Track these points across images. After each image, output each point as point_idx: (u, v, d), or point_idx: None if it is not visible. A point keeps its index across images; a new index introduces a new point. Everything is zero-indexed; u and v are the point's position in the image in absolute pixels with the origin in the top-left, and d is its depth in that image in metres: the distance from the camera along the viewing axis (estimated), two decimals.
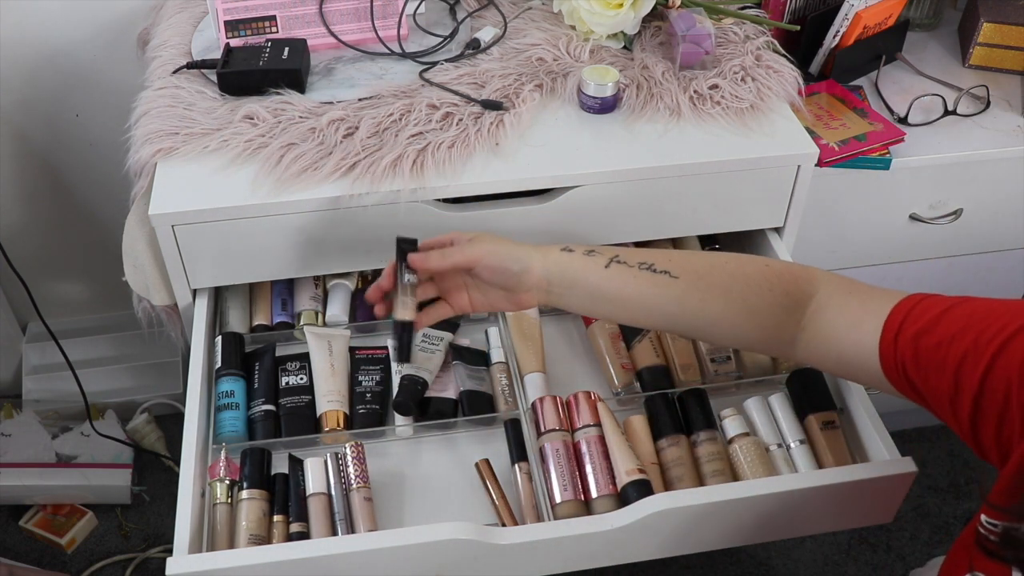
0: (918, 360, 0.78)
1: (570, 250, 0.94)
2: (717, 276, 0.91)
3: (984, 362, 0.72)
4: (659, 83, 1.25)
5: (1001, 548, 0.66)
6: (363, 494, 1.00)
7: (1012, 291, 1.65)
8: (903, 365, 0.80)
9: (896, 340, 0.80)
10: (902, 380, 0.81)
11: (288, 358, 1.16)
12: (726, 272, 0.92)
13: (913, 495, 1.84)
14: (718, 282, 0.91)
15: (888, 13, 1.44)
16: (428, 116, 1.18)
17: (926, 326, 0.79)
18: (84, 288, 1.94)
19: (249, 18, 1.27)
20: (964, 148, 1.38)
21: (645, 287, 0.92)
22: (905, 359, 0.80)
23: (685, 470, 1.03)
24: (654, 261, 0.92)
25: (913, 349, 0.79)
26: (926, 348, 0.78)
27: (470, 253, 0.95)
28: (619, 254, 0.93)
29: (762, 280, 0.91)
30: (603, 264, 0.93)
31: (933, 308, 0.80)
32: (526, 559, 0.94)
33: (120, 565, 1.74)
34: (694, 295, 0.91)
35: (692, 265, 0.92)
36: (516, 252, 0.94)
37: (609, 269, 0.92)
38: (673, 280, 0.91)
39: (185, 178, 1.12)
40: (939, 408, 0.78)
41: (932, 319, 0.79)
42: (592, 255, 0.94)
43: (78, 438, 1.80)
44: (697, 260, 0.93)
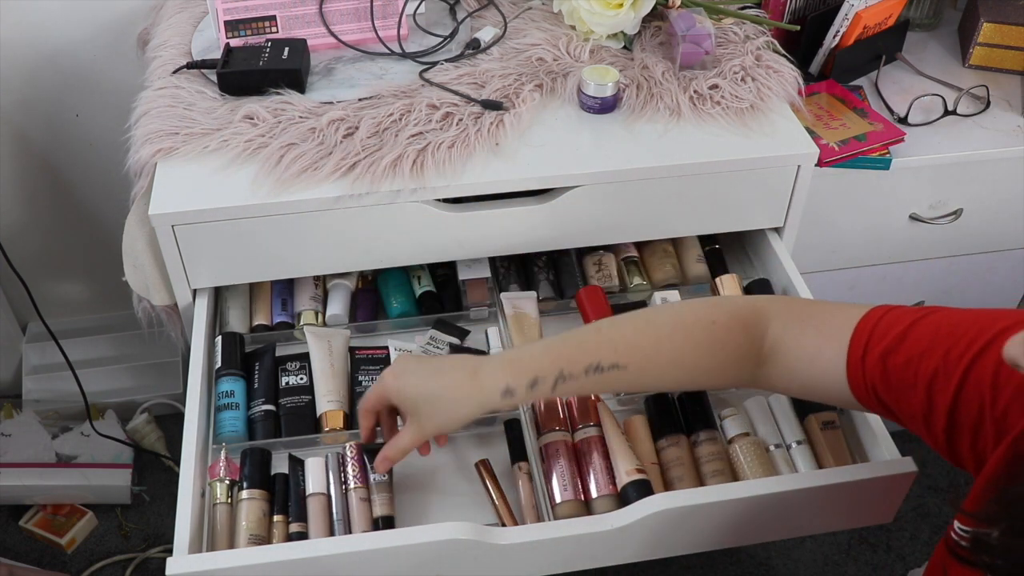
0: (888, 380, 0.78)
1: (511, 392, 0.89)
2: (665, 353, 0.89)
3: (956, 378, 0.72)
4: (659, 83, 1.25)
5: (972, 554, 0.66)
6: (360, 494, 1.00)
7: (1012, 291, 1.66)
8: (873, 387, 0.79)
9: (863, 361, 0.79)
10: (872, 401, 0.80)
11: (288, 358, 1.16)
12: (674, 346, 0.89)
13: (913, 495, 1.84)
14: (668, 358, 0.89)
15: (888, 13, 1.44)
16: (428, 116, 1.18)
17: (892, 344, 0.78)
18: (84, 288, 1.94)
19: (249, 18, 1.27)
20: (964, 148, 1.38)
21: (595, 388, 0.90)
22: (875, 380, 0.79)
23: (685, 470, 1.03)
24: (600, 359, 0.88)
25: (882, 369, 0.78)
26: (895, 367, 0.77)
27: (420, 440, 0.95)
28: (563, 367, 0.88)
29: (711, 341, 0.89)
30: (548, 389, 0.89)
31: (897, 324, 0.78)
32: (526, 559, 0.94)
33: (120, 565, 1.74)
34: (646, 376, 0.90)
35: (639, 349, 0.89)
36: (456, 416, 0.92)
37: (556, 390, 0.89)
38: (623, 371, 0.89)
39: (185, 178, 1.12)
40: (912, 425, 0.78)
41: (897, 336, 0.78)
42: (535, 387, 0.89)
43: (78, 438, 1.80)
44: (643, 340, 0.90)
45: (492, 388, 0.90)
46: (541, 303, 1.23)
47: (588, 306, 1.19)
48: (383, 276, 1.27)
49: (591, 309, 1.18)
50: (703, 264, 1.29)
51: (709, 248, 1.31)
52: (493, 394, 0.90)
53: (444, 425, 0.93)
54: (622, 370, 0.88)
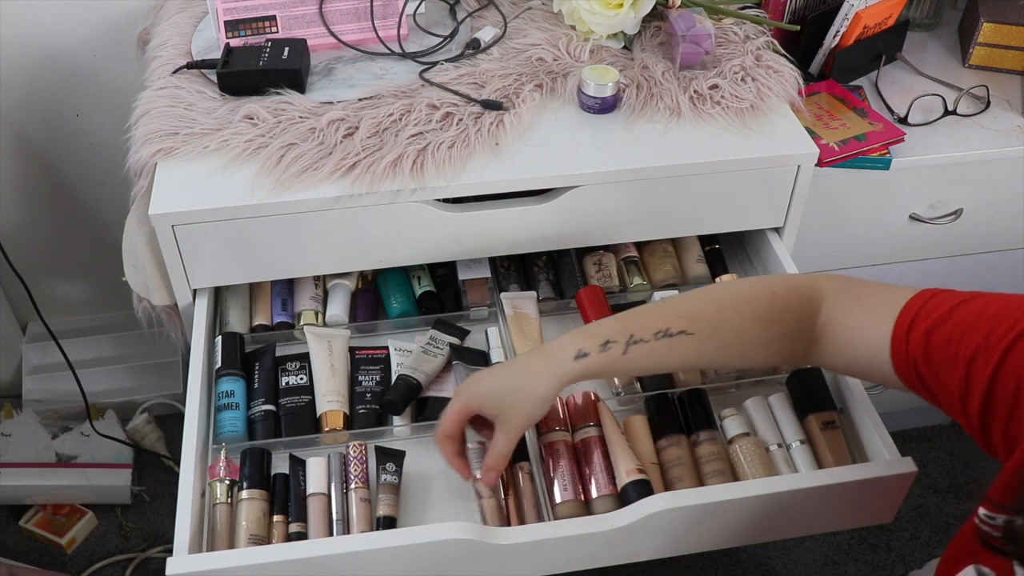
0: (929, 356, 0.79)
1: (584, 354, 0.91)
2: (729, 321, 0.92)
3: (995, 359, 0.73)
4: (659, 83, 1.25)
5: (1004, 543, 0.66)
6: (361, 494, 1.00)
7: (1012, 291, 1.65)
8: (914, 361, 0.80)
9: (908, 337, 0.81)
10: (913, 377, 0.81)
11: (288, 358, 1.16)
12: (737, 314, 0.92)
13: (913, 495, 1.84)
14: (732, 326, 0.92)
15: (888, 13, 1.44)
16: (428, 116, 1.18)
17: (937, 322, 0.79)
18: (84, 288, 1.94)
19: (249, 18, 1.27)
20: (964, 148, 1.38)
21: (665, 354, 0.91)
22: (916, 355, 0.80)
23: (685, 470, 1.03)
24: (668, 325, 0.91)
25: (924, 345, 0.79)
26: (937, 344, 0.78)
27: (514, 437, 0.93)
28: (633, 332, 0.91)
29: (772, 312, 0.91)
30: (620, 352, 0.90)
31: (945, 303, 0.80)
32: (526, 559, 0.94)
33: (120, 565, 1.74)
34: (711, 344, 0.92)
35: (704, 316, 0.92)
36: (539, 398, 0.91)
37: (628, 355, 0.91)
38: (689, 337, 0.91)
39: (185, 178, 1.12)
40: (949, 404, 0.79)
41: (943, 315, 0.79)
42: (608, 348, 0.91)
43: (78, 438, 1.80)
44: (708, 308, 0.93)
45: (565, 354, 0.91)
46: (541, 303, 1.23)
47: (588, 306, 1.19)
48: (383, 276, 1.27)
49: (591, 309, 1.18)
50: (703, 264, 1.29)
51: (709, 248, 1.31)
52: (567, 359, 0.91)
53: (530, 412, 0.92)
54: (690, 336, 0.91)
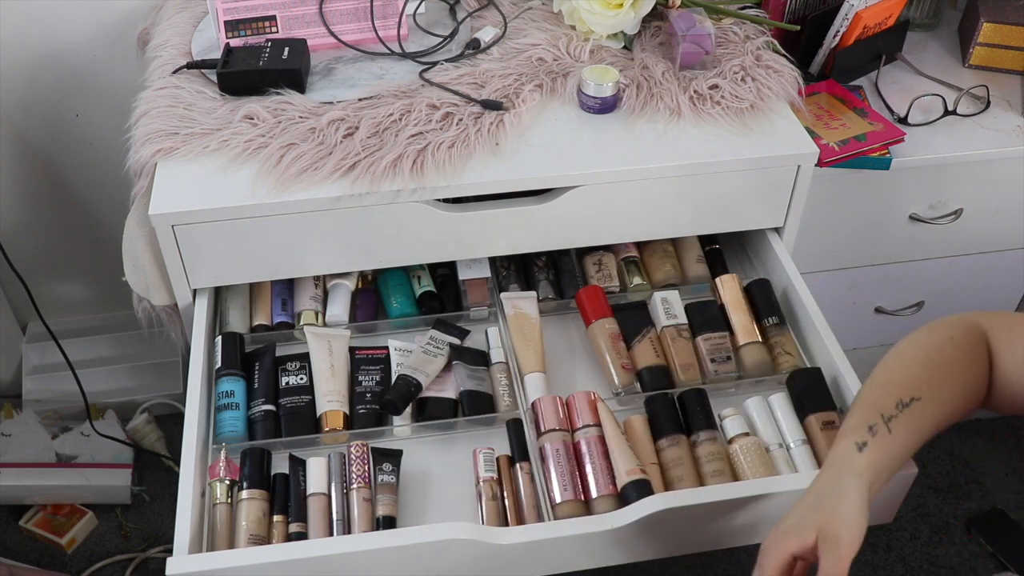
0: None
1: (863, 443, 0.84)
2: (937, 376, 0.89)
3: None
4: (659, 83, 1.25)
5: None
6: (363, 494, 1.00)
7: (1012, 291, 1.66)
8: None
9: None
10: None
11: (288, 358, 1.16)
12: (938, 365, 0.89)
13: (913, 495, 1.84)
14: (941, 382, 0.89)
15: (888, 13, 1.44)
16: (428, 116, 1.18)
17: None
18: (84, 288, 1.94)
19: (249, 18, 1.27)
20: (964, 148, 1.38)
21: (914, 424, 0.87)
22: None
23: (685, 470, 1.03)
24: (898, 395, 0.87)
25: None
26: None
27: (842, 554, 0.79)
28: (882, 411, 0.86)
29: (961, 356, 0.90)
30: (886, 432, 0.85)
31: None
32: (526, 559, 0.94)
33: (120, 565, 1.74)
34: (935, 404, 0.88)
35: (916, 377, 0.89)
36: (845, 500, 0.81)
37: (892, 432, 0.85)
38: (920, 402, 0.87)
39: (185, 178, 1.12)
40: None
41: None
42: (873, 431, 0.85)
43: (78, 438, 1.80)
44: (914, 367, 0.90)
45: (844, 451, 0.85)
46: (541, 303, 1.23)
47: (588, 306, 1.19)
48: (383, 276, 1.27)
49: (591, 309, 1.18)
50: (703, 264, 1.29)
51: (709, 248, 1.31)
52: (850, 456, 0.84)
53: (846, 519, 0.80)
54: (920, 401, 0.87)
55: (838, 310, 1.59)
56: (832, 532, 0.79)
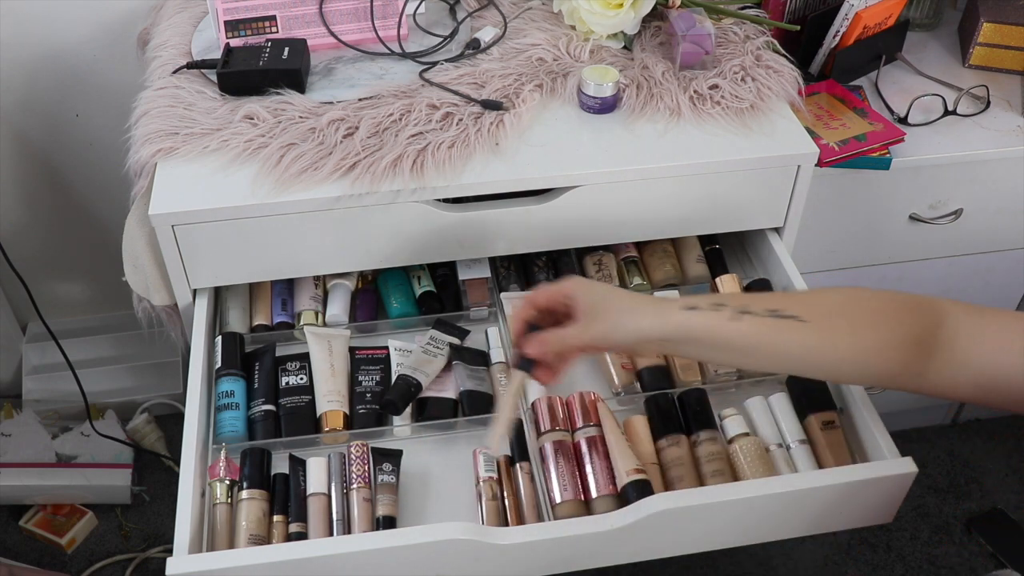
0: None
1: (694, 307, 0.88)
2: (843, 316, 0.88)
3: None
4: (659, 83, 1.25)
5: None
6: (363, 494, 1.00)
7: (1012, 291, 1.66)
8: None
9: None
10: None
11: (288, 358, 1.16)
12: (853, 310, 0.89)
13: (913, 495, 1.84)
14: (844, 323, 0.88)
15: (888, 13, 1.44)
16: (428, 116, 1.18)
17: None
18: (84, 288, 1.94)
19: (249, 18, 1.27)
20: (964, 148, 1.38)
21: (773, 335, 0.88)
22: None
23: (685, 470, 1.03)
24: (782, 306, 0.88)
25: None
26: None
27: (583, 341, 0.90)
28: (747, 304, 0.88)
29: (890, 314, 0.88)
30: (728, 317, 0.88)
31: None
32: (526, 559, 0.94)
33: (120, 565, 1.74)
34: (822, 338, 0.88)
35: (820, 306, 0.89)
36: (633, 325, 0.88)
37: (736, 321, 0.88)
38: (801, 324, 0.87)
39: (185, 178, 1.12)
40: None
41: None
42: (718, 309, 0.88)
43: (78, 438, 1.80)
44: (824, 300, 0.90)
45: (674, 302, 0.89)
46: None
47: None
48: (383, 276, 1.27)
49: None
50: (703, 264, 1.29)
51: (709, 248, 1.31)
52: (675, 307, 0.88)
53: (616, 328, 0.88)
54: (801, 323, 0.87)
55: None
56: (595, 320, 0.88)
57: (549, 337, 0.91)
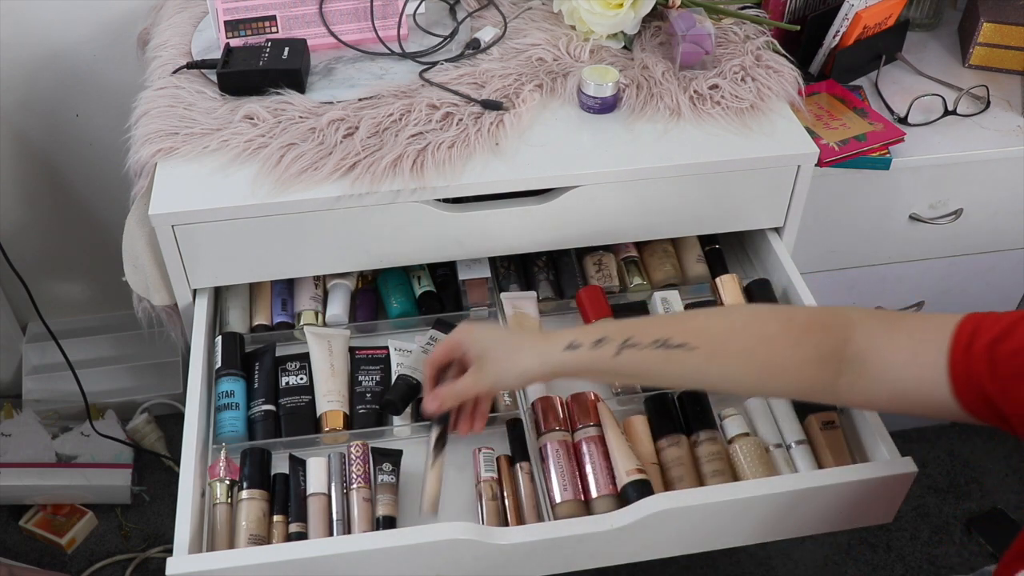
0: (995, 369, 0.76)
1: (575, 346, 0.89)
2: (737, 341, 0.87)
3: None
4: (659, 83, 1.25)
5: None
6: (363, 494, 1.00)
7: (1012, 291, 1.66)
8: (977, 378, 0.77)
9: (968, 352, 0.77)
10: (975, 396, 0.77)
11: (288, 358, 1.16)
12: (747, 334, 0.87)
13: (913, 495, 1.84)
14: (739, 348, 0.87)
15: (888, 13, 1.44)
16: (428, 116, 1.18)
17: (1001, 334, 0.76)
18: (84, 288, 1.94)
19: (249, 18, 1.27)
20: (964, 148, 1.38)
21: (661, 366, 0.88)
22: (980, 371, 0.76)
23: (685, 470, 1.03)
24: (669, 335, 0.87)
25: (989, 358, 0.76)
26: (1004, 355, 0.75)
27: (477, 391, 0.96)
28: (631, 336, 0.88)
29: (786, 338, 0.86)
30: (612, 353, 0.88)
31: (1003, 318, 0.77)
32: (526, 559, 0.94)
33: (120, 565, 1.74)
34: (713, 363, 0.87)
35: (710, 333, 0.88)
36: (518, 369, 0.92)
37: (619, 357, 0.88)
38: (690, 352, 0.87)
39: (185, 178, 1.12)
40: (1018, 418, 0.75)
41: (1007, 327, 0.76)
42: (600, 346, 0.89)
43: (78, 438, 1.80)
44: (715, 325, 0.89)
45: (558, 342, 0.91)
46: (541, 303, 1.23)
47: (588, 306, 1.19)
48: (383, 276, 1.27)
49: (591, 309, 1.18)
50: (703, 264, 1.29)
51: (709, 248, 1.31)
52: (558, 347, 0.90)
53: (502, 374, 0.92)
54: (690, 351, 0.87)
55: None
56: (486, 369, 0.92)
57: (443, 392, 0.96)
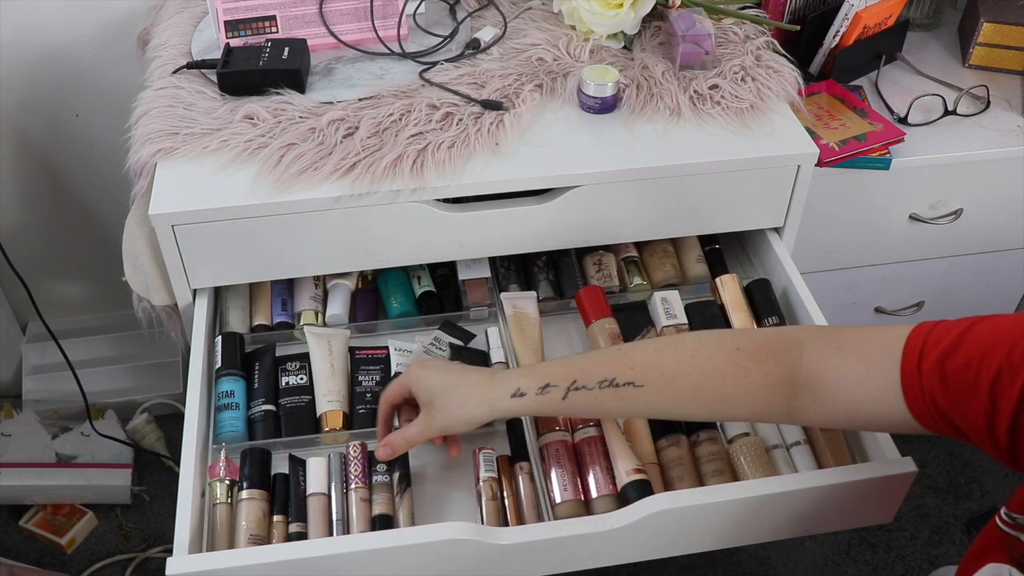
0: (947, 385, 0.76)
1: (520, 394, 0.91)
2: (685, 376, 0.87)
3: (1022, 376, 0.71)
4: (659, 83, 1.25)
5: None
6: (361, 495, 1.00)
7: (1012, 291, 1.66)
8: (931, 395, 0.77)
9: (919, 369, 0.77)
10: (930, 411, 0.78)
11: (288, 358, 1.16)
12: (694, 369, 0.87)
13: (913, 495, 1.84)
14: (688, 382, 0.87)
15: (888, 13, 1.44)
16: (428, 116, 1.18)
17: (949, 349, 0.76)
18: (84, 288, 1.94)
19: (249, 18, 1.27)
20: (964, 148, 1.38)
21: (610, 404, 0.89)
22: (933, 387, 0.76)
23: (685, 470, 1.03)
24: (616, 375, 0.88)
25: (940, 374, 0.76)
26: (954, 370, 0.75)
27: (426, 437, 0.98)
28: (577, 378, 0.89)
29: (735, 367, 0.86)
30: (559, 397, 0.90)
31: (950, 331, 0.77)
32: (526, 559, 0.94)
33: (120, 565, 1.74)
34: (663, 398, 0.88)
35: (658, 368, 0.88)
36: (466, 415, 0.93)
37: (567, 400, 0.90)
38: (638, 389, 0.88)
39: (185, 178, 1.12)
40: (974, 431, 0.75)
41: (953, 341, 0.76)
42: (546, 391, 0.90)
43: (78, 438, 1.80)
44: (663, 360, 0.89)
45: (504, 388, 0.92)
46: (541, 303, 1.23)
47: (588, 306, 1.19)
48: (383, 276, 1.27)
49: (591, 309, 1.18)
50: (703, 264, 1.29)
51: (709, 248, 1.31)
52: (504, 394, 0.92)
53: (450, 420, 0.94)
54: (638, 388, 0.88)
55: (838, 310, 1.59)
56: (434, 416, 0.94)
57: (395, 440, 0.98)
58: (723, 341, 0.89)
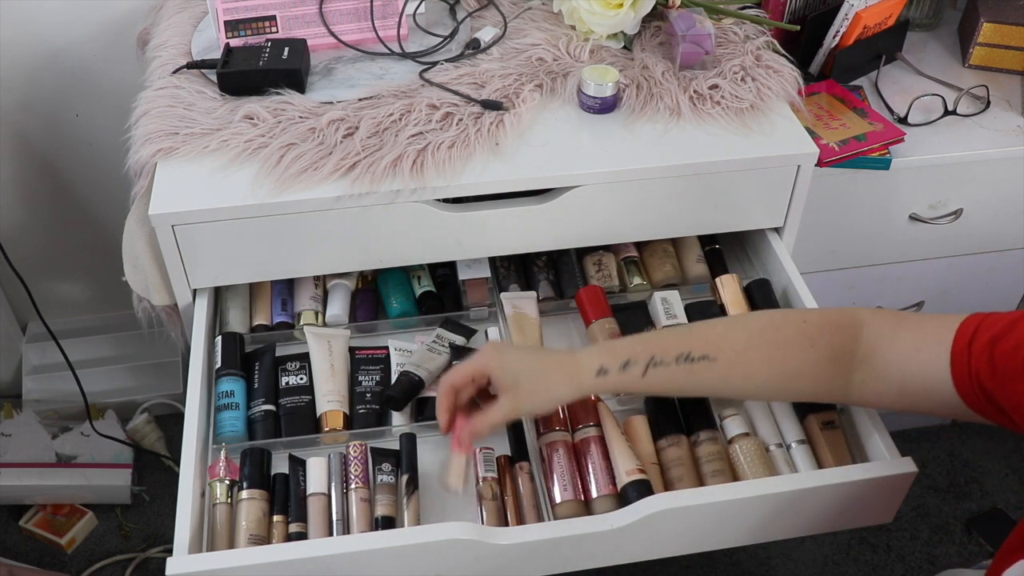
0: (995, 366, 0.78)
1: (604, 371, 0.93)
2: (756, 348, 0.91)
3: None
4: (659, 83, 1.25)
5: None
6: (361, 495, 1.00)
7: (1012, 291, 1.66)
8: (978, 375, 0.79)
9: (969, 349, 0.80)
10: (976, 392, 0.80)
11: (288, 358, 1.16)
12: (764, 341, 0.91)
13: (913, 495, 1.84)
14: (758, 355, 0.91)
15: (888, 13, 1.44)
16: (428, 116, 1.18)
17: (1001, 332, 0.78)
18: (84, 288, 1.94)
19: (249, 18, 1.27)
20: (964, 148, 1.38)
21: (686, 379, 0.92)
22: (980, 367, 0.79)
23: (685, 470, 1.03)
24: (691, 348, 0.91)
25: (988, 356, 0.78)
26: (1003, 353, 0.77)
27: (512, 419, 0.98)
28: (655, 354, 0.92)
29: (802, 339, 0.90)
30: (640, 374, 0.92)
31: (1004, 318, 0.80)
32: (526, 559, 0.94)
33: (120, 565, 1.74)
34: (736, 372, 0.91)
35: (730, 342, 0.92)
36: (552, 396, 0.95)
37: (647, 377, 0.92)
38: (712, 363, 0.91)
39: (185, 178, 1.12)
40: (1019, 414, 0.77)
41: (1006, 326, 0.78)
42: (628, 369, 0.92)
43: (78, 438, 1.80)
44: (734, 334, 0.93)
45: (588, 368, 0.93)
46: (541, 303, 1.23)
47: (588, 306, 1.19)
48: (383, 276, 1.27)
49: (591, 309, 1.18)
50: (703, 264, 1.29)
51: (709, 248, 1.31)
52: (589, 373, 0.93)
53: (541, 403, 0.95)
54: (712, 362, 0.90)
55: None
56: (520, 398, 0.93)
57: (479, 426, 0.96)
58: (789, 316, 0.93)
